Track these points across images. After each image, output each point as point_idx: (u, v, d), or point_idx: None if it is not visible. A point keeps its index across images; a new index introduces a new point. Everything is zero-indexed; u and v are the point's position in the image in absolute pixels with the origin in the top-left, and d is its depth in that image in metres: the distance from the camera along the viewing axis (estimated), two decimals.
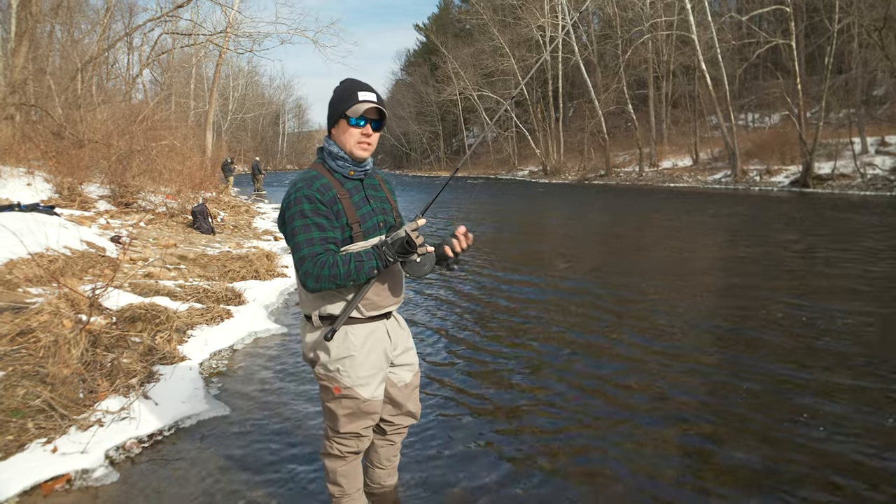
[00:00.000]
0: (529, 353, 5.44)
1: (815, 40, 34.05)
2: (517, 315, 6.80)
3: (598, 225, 16.21)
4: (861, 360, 5.01)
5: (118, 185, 13.48)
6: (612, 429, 3.89)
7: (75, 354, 4.12)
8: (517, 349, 5.59)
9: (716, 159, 34.29)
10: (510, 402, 4.36)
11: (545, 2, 42.78)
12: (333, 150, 2.47)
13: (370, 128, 2.45)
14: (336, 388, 2.50)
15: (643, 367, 4.98)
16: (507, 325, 6.40)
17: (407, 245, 2.33)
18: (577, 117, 47.84)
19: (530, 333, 6.05)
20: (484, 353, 5.52)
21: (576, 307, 7.07)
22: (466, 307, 7.25)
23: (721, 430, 3.84)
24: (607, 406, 4.26)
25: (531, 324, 6.44)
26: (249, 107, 75.60)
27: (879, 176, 23.68)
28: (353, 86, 2.44)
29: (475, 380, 4.81)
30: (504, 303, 7.44)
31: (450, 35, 61.64)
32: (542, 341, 5.77)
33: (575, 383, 4.68)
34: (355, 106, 2.40)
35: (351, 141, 2.44)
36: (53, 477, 3.18)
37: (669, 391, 4.46)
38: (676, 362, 5.08)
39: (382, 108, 2.44)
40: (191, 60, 48.68)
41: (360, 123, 2.42)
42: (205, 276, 7.84)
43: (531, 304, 7.31)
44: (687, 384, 4.61)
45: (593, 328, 6.19)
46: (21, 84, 15.15)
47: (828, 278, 8.31)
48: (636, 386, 4.58)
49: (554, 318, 6.64)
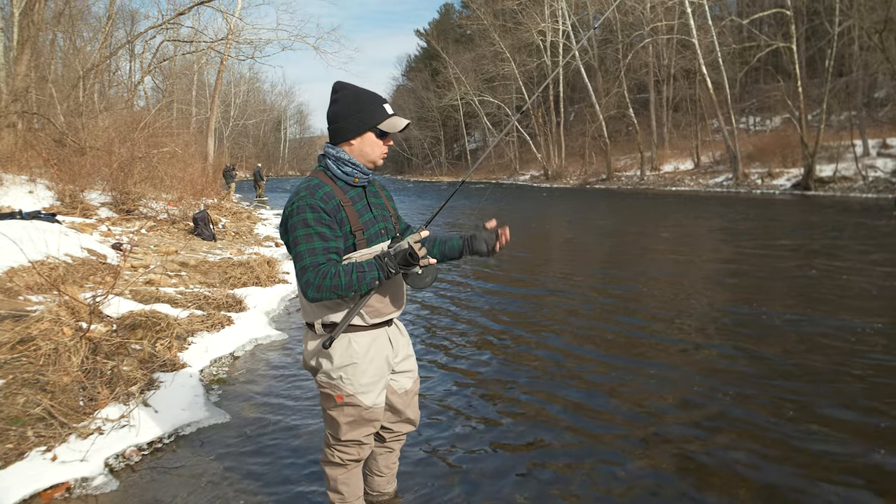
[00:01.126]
0: (531, 362, 5.41)
1: (815, 43, 34.11)
2: (520, 323, 6.77)
3: (616, 232, 16.19)
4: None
5: (120, 192, 13.49)
6: (615, 441, 3.86)
7: (75, 362, 4.12)
8: (519, 357, 5.57)
9: (717, 163, 34.30)
10: (510, 410, 4.34)
11: (545, 7, 42.88)
12: (343, 157, 2.45)
13: (391, 139, 2.52)
14: (338, 395, 2.49)
15: (651, 380, 4.96)
16: (510, 333, 6.36)
17: (409, 257, 2.33)
18: (578, 121, 47.94)
19: (533, 342, 6.02)
20: (484, 360, 5.50)
21: (579, 315, 7.05)
22: (466, 314, 7.23)
23: (733, 443, 3.82)
24: (611, 417, 4.23)
25: (534, 332, 6.42)
26: (251, 113, 75.80)
27: (881, 178, 23.66)
28: (376, 98, 2.47)
29: (475, 387, 4.79)
30: (506, 310, 7.43)
31: (451, 40, 61.84)
32: (546, 349, 5.74)
33: (578, 394, 4.64)
34: (391, 121, 2.44)
35: (377, 152, 2.48)
36: (53, 485, 3.17)
37: (684, 403, 4.44)
38: (690, 374, 5.06)
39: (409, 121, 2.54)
40: (192, 67, 48.92)
41: (383, 135, 2.48)
42: (206, 283, 7.84)
43: (534, 313, 7.29)
44: (706, 406, 4.58)
45: (598, 337, 6.16)
46: (23, 92, 15.20)
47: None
48: (643, 398, 4.54)
49: (557, 326, 6.63)
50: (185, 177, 16.24)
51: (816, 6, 30.98)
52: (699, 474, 3.37)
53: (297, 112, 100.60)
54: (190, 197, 15.00)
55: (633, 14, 36.94)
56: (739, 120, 34.97)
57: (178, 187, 15.06)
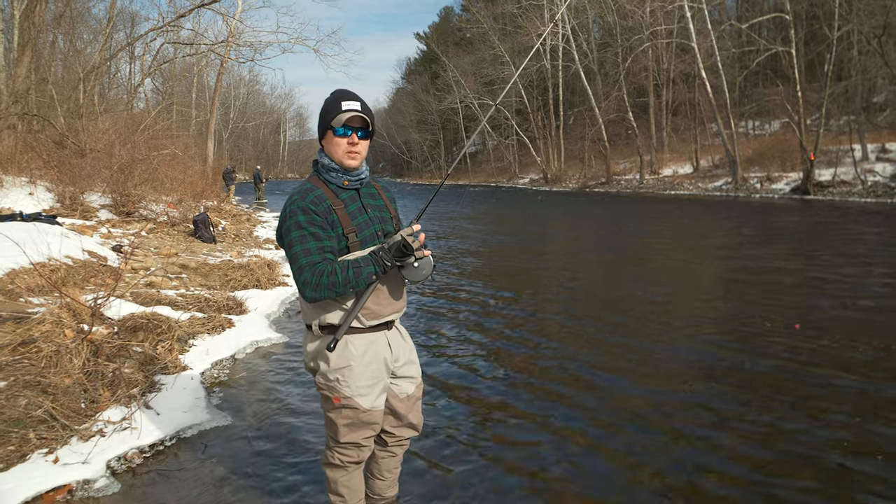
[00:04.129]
0: (534, 369, 5.40)
1: (814, 48, 34.18)
2: (525, 330, 6.75)
3: (616, 235, 16.19)
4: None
5: (120, 195, 13.50)
6: (617, 451, 3.84)
7: (77, 364, 4.12)
8: (520, 363, 5.57)
9: (716, 167, 34.33)
10: (513, 417, 4.33)
11: (545, 10, 42.95)
12: (325, 162, 2.49)
13: (356, 136, 2.46)
14: (336, 397, 2.50)
15: (655, 388, 4.96)
16: (514, 340, 6.36)
17: (403, 248, 2.35)
18: (577, 125, 47.95)
19: (536, 349, 6.01)
20: (487, 367, 5.51)
21: (583, 323, 7.06)
22: (472, 321, 7.21)
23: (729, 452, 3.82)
24: (615, 426, 4.22)
25: (535, 338, 6.42)
26: (251, 115, 75.87)
27: (880, 183, 23.69)
28: (338, 96, 2.47)
29: (478, 394, 4.79)
30: (508, 317, 7.43)
31: (450, 44, 61.98)
32: (548, 358, 5.72)
33: (581, 401, 4.63)
34: (338, 116, 2.42)
35: (339, 151, 2.45)
36: (55, 487, 3.18)
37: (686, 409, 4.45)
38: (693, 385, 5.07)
39: (365, 115, 2.45)
40: (192, 70, 49.00)
41: (347, 133, 2.44)
42: (206, 286, 7.85)
43: (537, 320, 7.30)
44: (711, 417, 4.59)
45: (602, 345, 6.16)
46: (23, 94, 15.20)
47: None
48: (644, 404, 4.54)
49: (562, 334, 6.63)
50: (185, 179, 16.25)
51: (816, 11, 31.01)
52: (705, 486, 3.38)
53: (296, 115, 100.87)
54: (190, 199, 15.01)
55: (633, 18, 37.00)
56: (739, 124, 34.97)
57: (178, 189, 15.07)
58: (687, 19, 30.46)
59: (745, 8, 40.89)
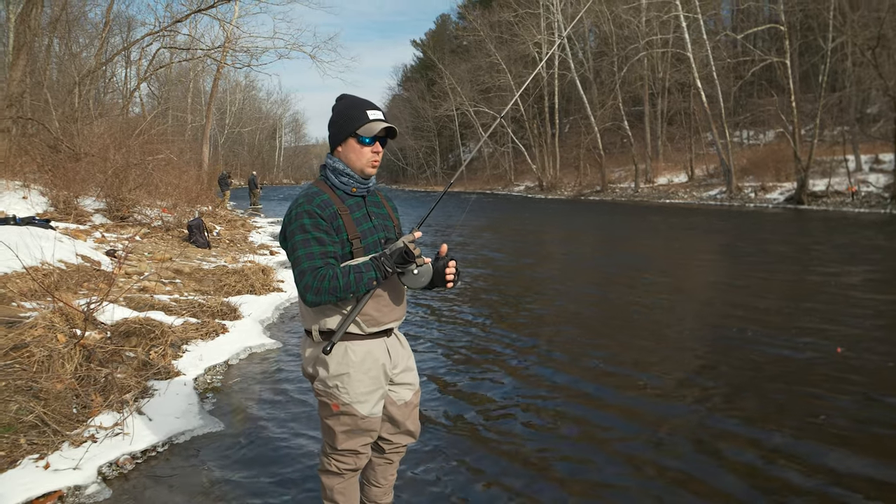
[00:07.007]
0: (531, 378, 5.37)
1: (809, 59, 34.41)
2: (523, 337, 6.71)
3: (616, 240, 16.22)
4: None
5: (114, 199, 13.46)
6: (616, 461, 3.81)
7: (69, 369, 4.09)
8: (519, 372, 5.55)
9: (711, 176, 34.44)
10: (509, 425, 4.31)
11: (541, 19, 43.14)
12: (338, 167, 2.48)
13: (379, 145, 2.48)
14: (334, 404, 2.48)
15: (652, 399, 4.95)
16: (513, 347, 6.32)
17: (405, 255, 2.35)
18: (573, 133, 48.04)
19: (534, 357, 5.98)
20: (485, 375, 5.49)
21: (584, 328, 7.06)
22: (469, 329, 7.20)
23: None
24: (616, 435, 4.20)
25: (537, 345, 6.41)
26: (246, 121, 75.83)
27: (873, 193, 23.80)
28: (360, 104, 2.46)
29: (475, 402, 4.77)
30: (508, 324, 7.42)
31: (447, 51, 62.13)
32: (546, 366, 5.69)
33: (578, 411, 4.61)
34: (368, 125, 2.42)
35: (363, 160, 2.46)
36: (45, 493, 3.14)
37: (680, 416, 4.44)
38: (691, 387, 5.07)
39: (393, 126, 2.47)
40: (188, 75, 49.00)
41: (371, 142, 2.45)
42: (200, 291, 7.81)
43: (537, 327, 7.29)
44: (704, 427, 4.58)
45: (600, 354, 6.14)
46: (18, 97, 15.15)
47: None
48: (650, 416, 4.50)
49: (560, 342, 6.62)
50: (180, 184, 16.21)
51: (810, 22, 31.23)
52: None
53: (292, 120, 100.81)
54: (185, 204, 14.97)
55: (629, 28, 37.18)
56: (733, 133, 35.09)
57: (172, 194, 15.03)
58: (682, 29, 30.64)
59: (740, 19, 41.10)
